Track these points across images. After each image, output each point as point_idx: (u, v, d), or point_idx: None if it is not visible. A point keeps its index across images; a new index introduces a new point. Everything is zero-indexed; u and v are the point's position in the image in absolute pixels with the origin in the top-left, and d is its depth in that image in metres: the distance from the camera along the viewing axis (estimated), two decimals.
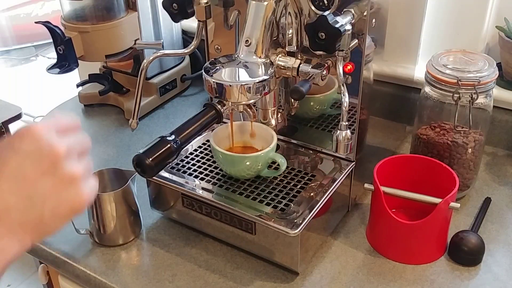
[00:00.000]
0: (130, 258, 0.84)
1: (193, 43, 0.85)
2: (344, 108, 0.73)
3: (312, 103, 0.91)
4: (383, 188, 0.79)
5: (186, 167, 0.87)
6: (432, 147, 0.89)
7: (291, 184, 0.82)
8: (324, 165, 0.87)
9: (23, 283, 2.02)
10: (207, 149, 0.92)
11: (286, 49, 0.79)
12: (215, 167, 0.87)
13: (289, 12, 0.77)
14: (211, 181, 0.84)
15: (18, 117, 1.77)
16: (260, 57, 0.75)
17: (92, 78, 1.26)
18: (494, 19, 1.01)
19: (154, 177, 0.84)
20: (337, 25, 0.68)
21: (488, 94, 0.86)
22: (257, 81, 0.72)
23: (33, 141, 0.47)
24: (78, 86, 1.27)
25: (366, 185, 0.82)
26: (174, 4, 0.82)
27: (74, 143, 0.50)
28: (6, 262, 0.46)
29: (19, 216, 0.46)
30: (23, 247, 0.47)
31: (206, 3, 0.82)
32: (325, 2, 0.74)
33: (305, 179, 0.84)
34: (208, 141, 0.93)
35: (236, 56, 0.76)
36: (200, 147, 0.93)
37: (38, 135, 0.47)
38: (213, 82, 0.72)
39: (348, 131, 0.75)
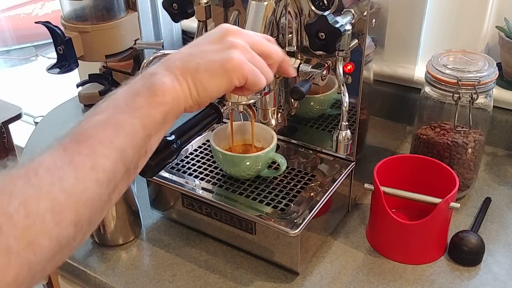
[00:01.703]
0: (130, 258, 0.84)
1: None
2: (344, 108, 0.73)
3: (312, 103, 0.91)
4: (383, 188, 0.79)
5: (186, 167, 0.87)
6: (432, 147, 0.89)
7: (291, 184, 0.83)
8: (324, 165, 0.87)
9: None
10: (207, 149, 0.92)
11: (286, 49, 0.79)
12: (215, 167, 0.87)
13: (289, 12, 0.77)
14: (211, 181, 0.84)
15: (18, 117, 1.77)
16: None
17: (92, 78, 1.26)
18: (494, 19, 1.01)
19: (154, 177, 0.84)
20: (337, 25, 0.68)
21: (488, 94, 0.86)
22: None
23: (222, 26, 0.58)
24: (78, 86, 1.27)
25: (366, 185, 0.82)
26: (174, 4, 0.82)
27: (253, 35, 0.58)
28: (169, 101, 0.51)
29: (180, 64, 0.53)
30: (182, 92, 0.53)
31: (206, 3, 0.82)
32: (325, 2, 0.74)
33: (305, 179, 0.84)
34: (208, 141, 0.93)
35: None
36: (200, 147, 0.93)
37: (230, 26, 0.58)
38: None
39: (348, 131, 0.75)
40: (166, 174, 0.85)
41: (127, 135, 0.48)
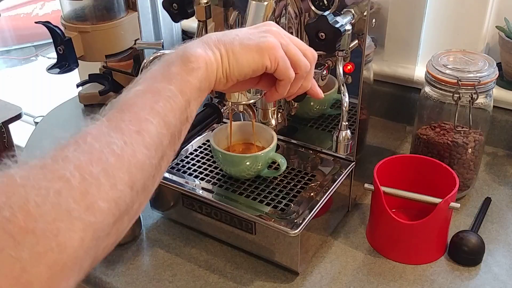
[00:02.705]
0: (130, 258, 0.84)
1: None
2: (344, 108, 0.73)
3: (312, 103, 0.91)
4: (383, 188, 0.79)
5: (186, 167, 0.87)
6: (432, 147, 0.89)
7: (291, 184, 0.83)
8: (324, 165, 0.87)
9: None
10: (207, 149, 0.92)
11: None
12: (215, 167, 0.87)
13: (289, 12, 0.77)
14: (211, 181, 0.84)
15: (18, 117, 1.76)
16: None
17: (92, 78, 1.26)
18: (494, 19, 1.02)
19: None
20: (337, 25, 0.68)
21: (488, 94, 0.86)
22: None
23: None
24: (78, 86, 1.27)
25: (366, 185, 0.82)
26: (174, 4, 0.82)
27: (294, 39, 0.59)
28: (202, 67, 0.53)
29: (216, 38, 0.55)
30: (215, 59, 0.54)
31: (206, 3, 0.82)
32: (325, 2, 0.74)
33: (305, 179, 0.84)
34: (208, 141, 0.93)
35: None
36: (200, 147, 0.93)
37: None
38: None
39: (348, 131, 0.75)
40: (166, 174, 0.85)
41: (167, 100, 0.49)
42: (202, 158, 0.90)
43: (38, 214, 0.37)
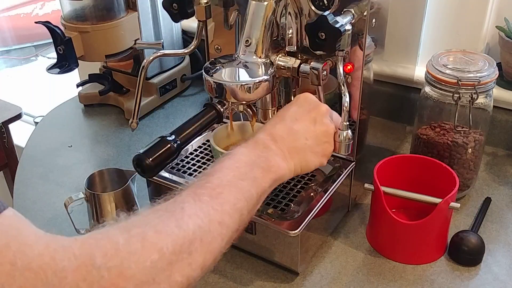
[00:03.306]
0: None
1: (193, 43, 0.85)
2: (344, 108, 0.73)
3: None
4: (383, 188, 0.79)
5: (186, 167, 0.87)
6: (432, 147, 0.89)
7: (291, 184, 0.82)
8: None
9: None
10: (207, 149, 0.92)
11: (286, 49, 0.79)
12: None
13: (289, 12, 0.77)
14: None
15: (18, 117, 1.77)
16: (260, 57, 0.75)
17: (92, 78, 1.26)
18: (494, 19, 1.02)
19: (154, 177, 0.84)
20: (337, 25, 0.68)
21: (488, 94, 0.86)
22: (257, 81, 0.72)
23: (306, 98, 0.70)
24: (78, 86, 1.27)
25: (366, 185, 0.82)
26: (174, 4, 0.82)
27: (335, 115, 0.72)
28: (278, 177, 0.64)
29: (289, 143, 0.66)
30: (289, 170, 0.65)
31: (206, 3, 0.82)
32: (325, 2, 0.74)
33: (305, 179, 0.84)
34: (208, 141, 0.93)
35: (236, 56, 0.76)
36: (200, 147, 0.93)
37: (311, 97, 0.71)
38: (213, 82, 0.72)
39: (349, 131, 0.75)
40: (166, 174, 0.85)
41: (246, 200, 0.58)
42: (202, 158, 0.90)
43: (130, 275, 0.44)
